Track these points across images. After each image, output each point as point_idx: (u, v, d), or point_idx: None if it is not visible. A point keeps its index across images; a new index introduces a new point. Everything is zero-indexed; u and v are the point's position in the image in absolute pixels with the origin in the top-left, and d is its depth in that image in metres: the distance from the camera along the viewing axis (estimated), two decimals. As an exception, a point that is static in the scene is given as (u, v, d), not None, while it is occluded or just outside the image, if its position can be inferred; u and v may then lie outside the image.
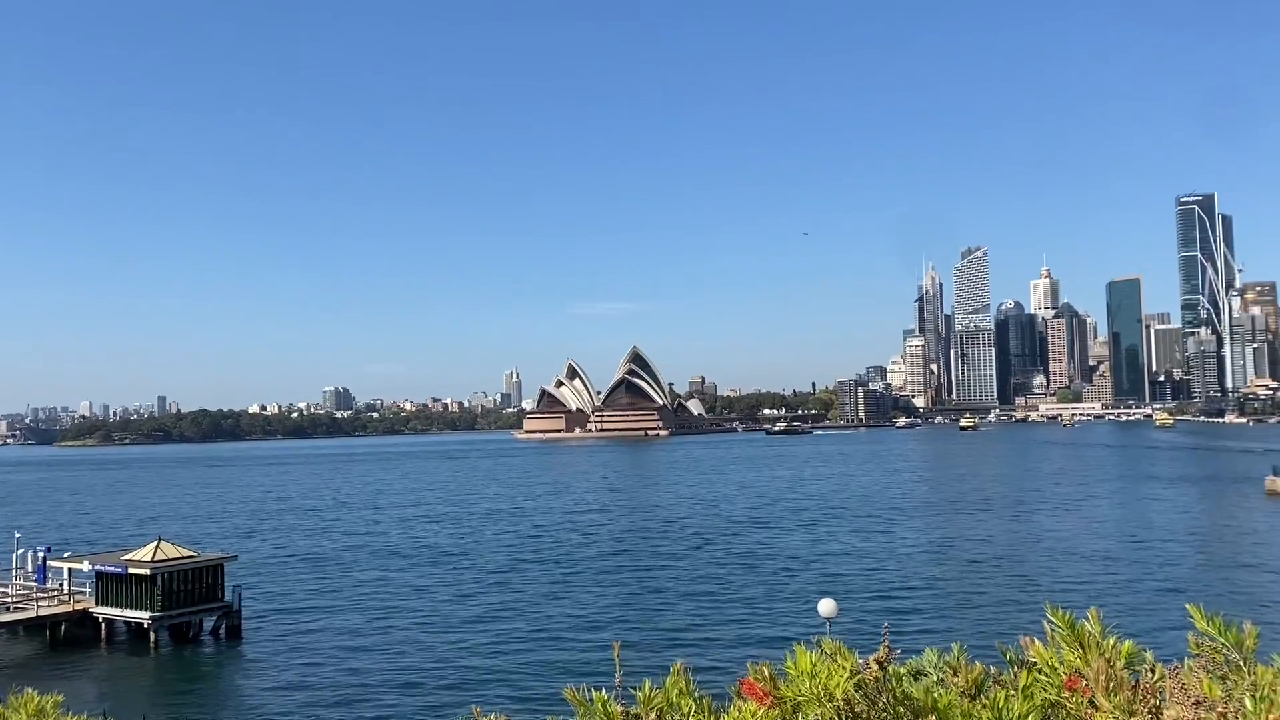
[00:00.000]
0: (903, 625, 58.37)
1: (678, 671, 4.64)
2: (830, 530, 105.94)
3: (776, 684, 4.54)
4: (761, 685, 4.62)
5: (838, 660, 4.51)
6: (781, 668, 4.54)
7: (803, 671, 4.34)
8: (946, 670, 5.64)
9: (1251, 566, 79.37)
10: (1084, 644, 5.21)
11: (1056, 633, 5.45)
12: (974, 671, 5.27)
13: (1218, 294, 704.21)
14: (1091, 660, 4.77)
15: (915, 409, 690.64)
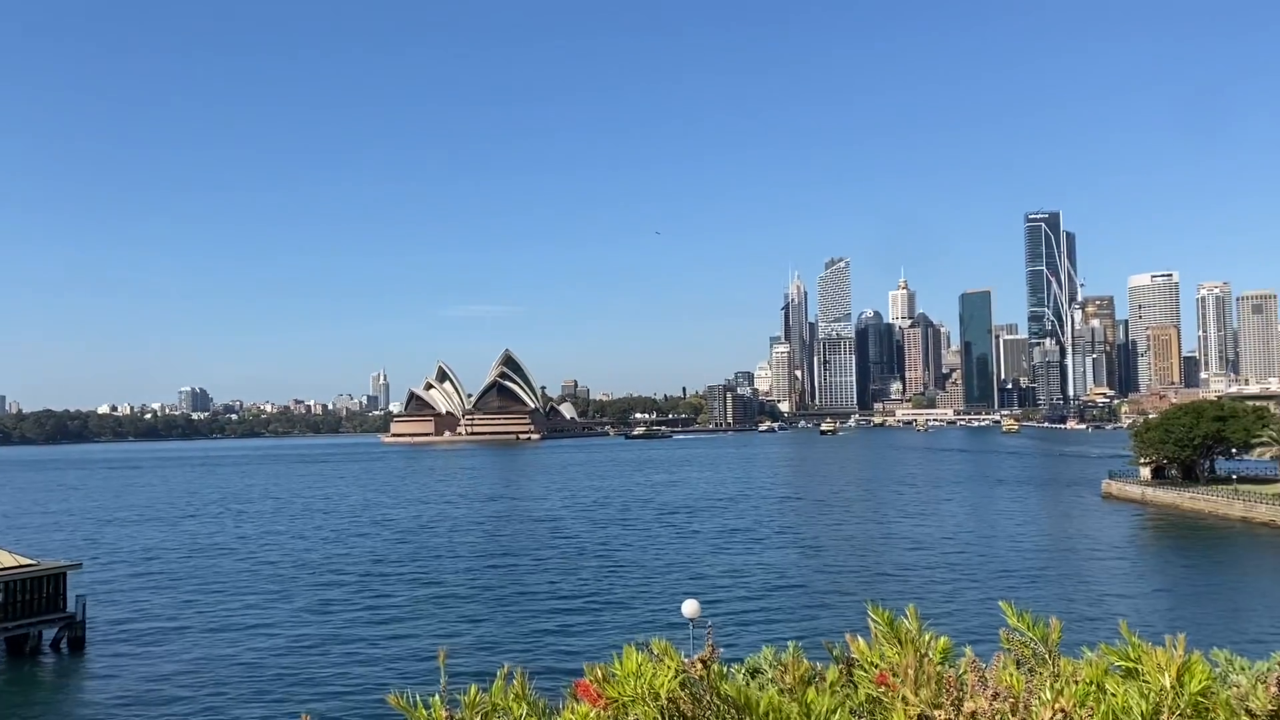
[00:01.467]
0: (759, 623, 59.74)
1: (504, 675, 4.64)
2: (696, 532, 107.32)
3: (607, 684, 4.59)
4: (594, 686, 4.66)
5: (664, 660, 4.60)
6: (614, 669, 4.59)
7: (629, 672, 4.40)
8: (779, 667, 5.81)
9: (1089, 564, 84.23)
10: (901, 640, 5.46)
11: (877, 629, 5.70)
12: (801, 669, 5.44)
13: (1061, 307, 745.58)
14: (906, 656, 5.00)
15: (781, 414, 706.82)
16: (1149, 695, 4.65)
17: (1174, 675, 4.71)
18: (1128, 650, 5.32)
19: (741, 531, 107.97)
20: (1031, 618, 5.78)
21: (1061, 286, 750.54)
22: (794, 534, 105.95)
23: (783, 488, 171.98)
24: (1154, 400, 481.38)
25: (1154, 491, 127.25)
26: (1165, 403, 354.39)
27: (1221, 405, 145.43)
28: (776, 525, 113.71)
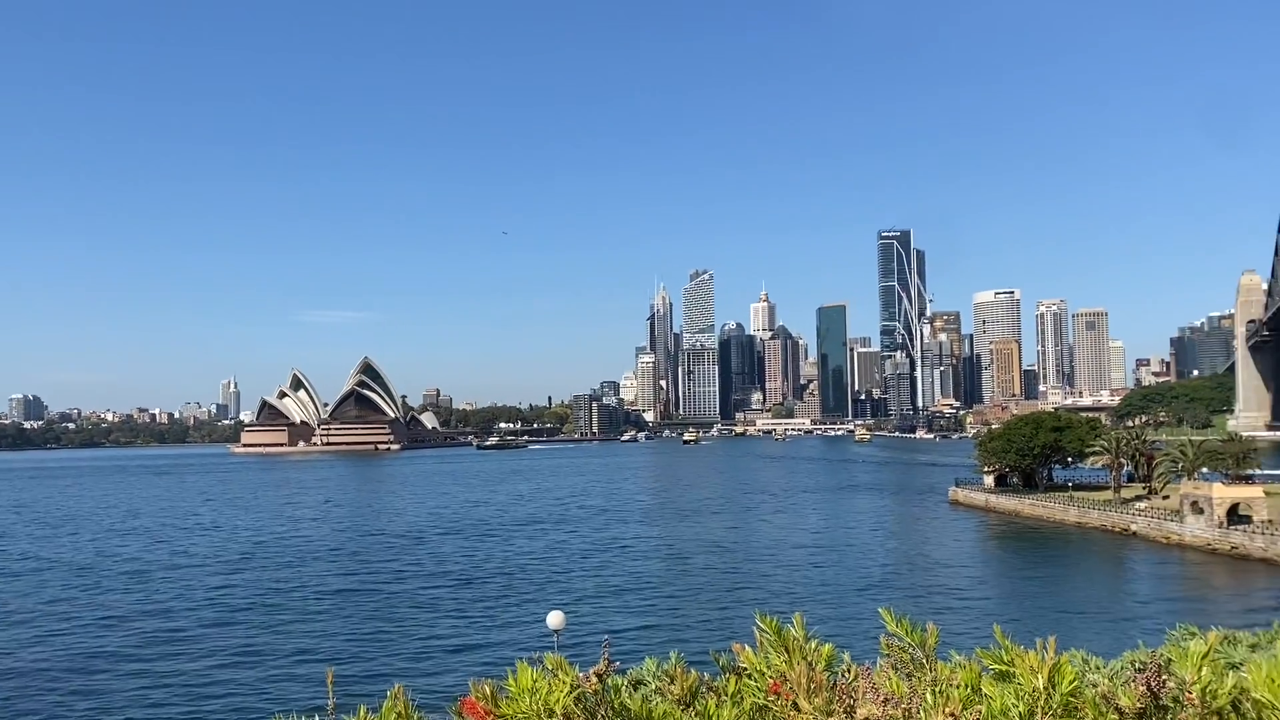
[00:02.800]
0: (629, 634, 59.87)
1: (395, 695, 4.48)
2: (560, 542, 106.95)
3: (497, 702, 4.48)
4: (482, 704, 4.54)
5: (559, 675, 4.52)
6: (503, 685, 4.49)
7: (523, 688, 4.31)
8: (664, 679, 5.79)
9: (938, 568, 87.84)
10: (789, 649, 5.54)
11: (765, 639, 5.76)
12: (689, 679, 5.44)
13: (912, 321, 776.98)
14: (795, 664, 5.07)
15: (646, 423, 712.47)
16: (1024, 697, 4.83)
17: (1046, 676, 4.92)
18: (1001, 653, 5.55)
19: (606, 541, 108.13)
20: (910, 623, 5.96)
21: (912, 302, 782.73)
22: (660, 543, 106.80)
23: (647, 497, 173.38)
24: (997, 411, 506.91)
25: (997, 499, 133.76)
26: (1007, 414, 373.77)
27: (1058, 416, 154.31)
28: (641, 535, 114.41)
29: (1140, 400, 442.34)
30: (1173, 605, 68.21)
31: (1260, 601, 68.91)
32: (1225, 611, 63.23)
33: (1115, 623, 60.97)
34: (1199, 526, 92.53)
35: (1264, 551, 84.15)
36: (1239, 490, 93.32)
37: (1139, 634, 10.47)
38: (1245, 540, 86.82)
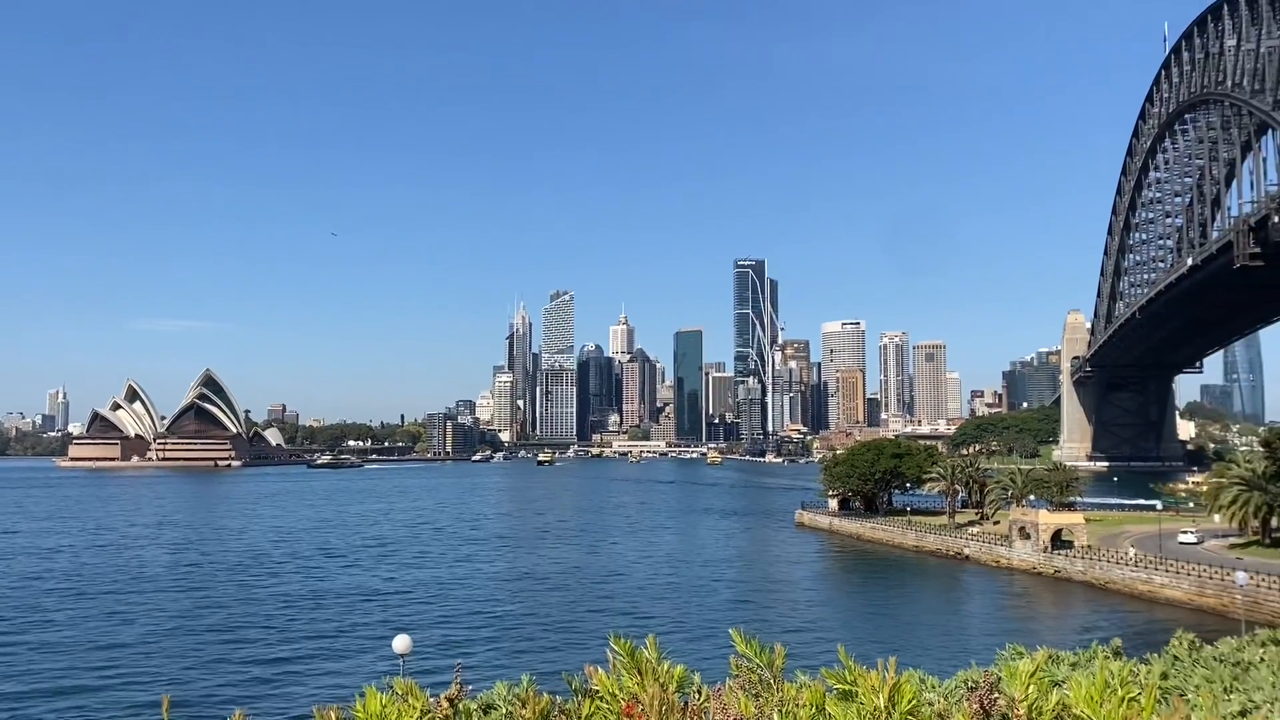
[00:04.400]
0: (480, 658, 58.93)
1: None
2: (407, 563, 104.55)
3: (343, 729, 4.35)
4: (327, 732, 4.40)
5: (409, 700, 4.42)
6: (350, 711, 4.36)
7: (372, 714, 4.20)
8: (516, 703, 5.74)
9: (785, 589, 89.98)
10: (641, 670, 5.58)
11: (618, 661, 5.79)
12: (541, 703, 5.41)
13: (764, 348, 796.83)
14: (647, 686, 5.11)
15: (502, 443, 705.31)
16: (865, 716, 5.00)
17: (886, 696, 5.10)
18: (845, 673, 5.73)
19: (455, 563, 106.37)
20: (758, 644, 6.08)
21: (765, 329, 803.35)
22: (511, 565, 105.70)
23: (498, 518, 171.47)
24: (841, 437, 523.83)
25: (840, 521, 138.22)
26: (851, 440, 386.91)
27: (899, 444, 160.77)
28: (492, 556, 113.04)
29: (974, 430, 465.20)
30: (1003, 626, 71.83)
31: (1080, 621, 73.35)
32: (1050, 631, 66.98)
33: (950, 642, 63.72)
34: (1026, 551, 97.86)
35: (1083, 575, 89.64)
36: (1062, 517, 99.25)
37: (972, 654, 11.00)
38: (1067, 564, 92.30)
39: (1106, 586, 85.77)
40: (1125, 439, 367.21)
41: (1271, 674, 7.54)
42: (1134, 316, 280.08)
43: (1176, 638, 9.50)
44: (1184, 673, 7.94)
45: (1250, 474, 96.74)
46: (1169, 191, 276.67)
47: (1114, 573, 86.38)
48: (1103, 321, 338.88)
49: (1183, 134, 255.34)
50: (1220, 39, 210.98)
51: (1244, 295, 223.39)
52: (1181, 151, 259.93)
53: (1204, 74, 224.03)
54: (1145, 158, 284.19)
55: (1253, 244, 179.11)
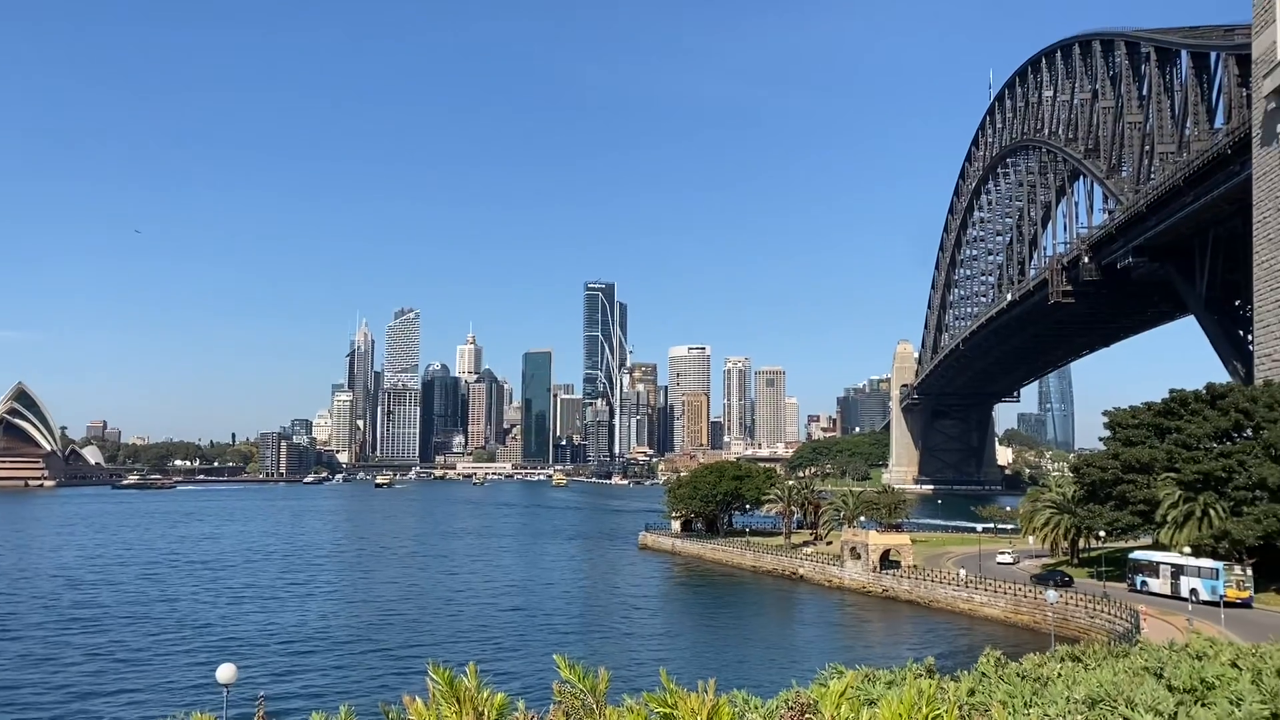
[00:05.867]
0: (302, 687, 56.68)
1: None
2: (230, 589, 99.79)
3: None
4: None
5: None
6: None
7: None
8: (330, 736, 5.53)
9: (624, 611, 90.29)
10: (460, 699, 5.48)
11: (437, 690, 5.66)
12: (355, 736, 5.23)
13: (612, 371, 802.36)
14: (465, 715, 5.01)
15: (340, 464, 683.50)
16: (683, 738, 5.04)
17: (705, 718, 5.17)
18: (666, 697, 5.78)
19: (280, 589, 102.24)
20: (582, 669, 6.07)
21: (613, 352, 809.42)
22: (337, 591, 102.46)
23: (331, 542, 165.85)
24: (686, 460, 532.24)
25: (682, 543, 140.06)
26: (695, 462, 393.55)
27: (740, 466, 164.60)
28: (318, 582, 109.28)
29: (810, 453, 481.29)
30: (831, 644, 74.17)
31: (904, 639, 76.51)
32: (874, 650, 69.54)
33: (780, 662, 65.32)
34: (856, 571, 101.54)
35: (909, 594, 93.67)
36: (890, 538, 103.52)
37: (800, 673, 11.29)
38: (894, 583, 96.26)
39: (931, 605, 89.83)
40: (949, 463, 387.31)
41: (1066, 688, 8.05)
42: (958, 348, 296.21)
43: (985, 655, 10.01)
44: (989, 688, 8.38)
45: (1061, 498, 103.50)
46: (991, 231, 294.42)
47: (938, 591, 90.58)
48: (930, 352, 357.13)
49: (1004, 177, 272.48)
50: (1039, 89, 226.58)
51: (1058, 329, 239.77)
52: (1003, 193, 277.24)
53: (1024, 122, 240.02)
54: (970, 198, 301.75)
55: (1065, 282, 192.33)
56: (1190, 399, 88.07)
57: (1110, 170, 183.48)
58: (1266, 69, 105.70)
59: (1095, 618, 71.19)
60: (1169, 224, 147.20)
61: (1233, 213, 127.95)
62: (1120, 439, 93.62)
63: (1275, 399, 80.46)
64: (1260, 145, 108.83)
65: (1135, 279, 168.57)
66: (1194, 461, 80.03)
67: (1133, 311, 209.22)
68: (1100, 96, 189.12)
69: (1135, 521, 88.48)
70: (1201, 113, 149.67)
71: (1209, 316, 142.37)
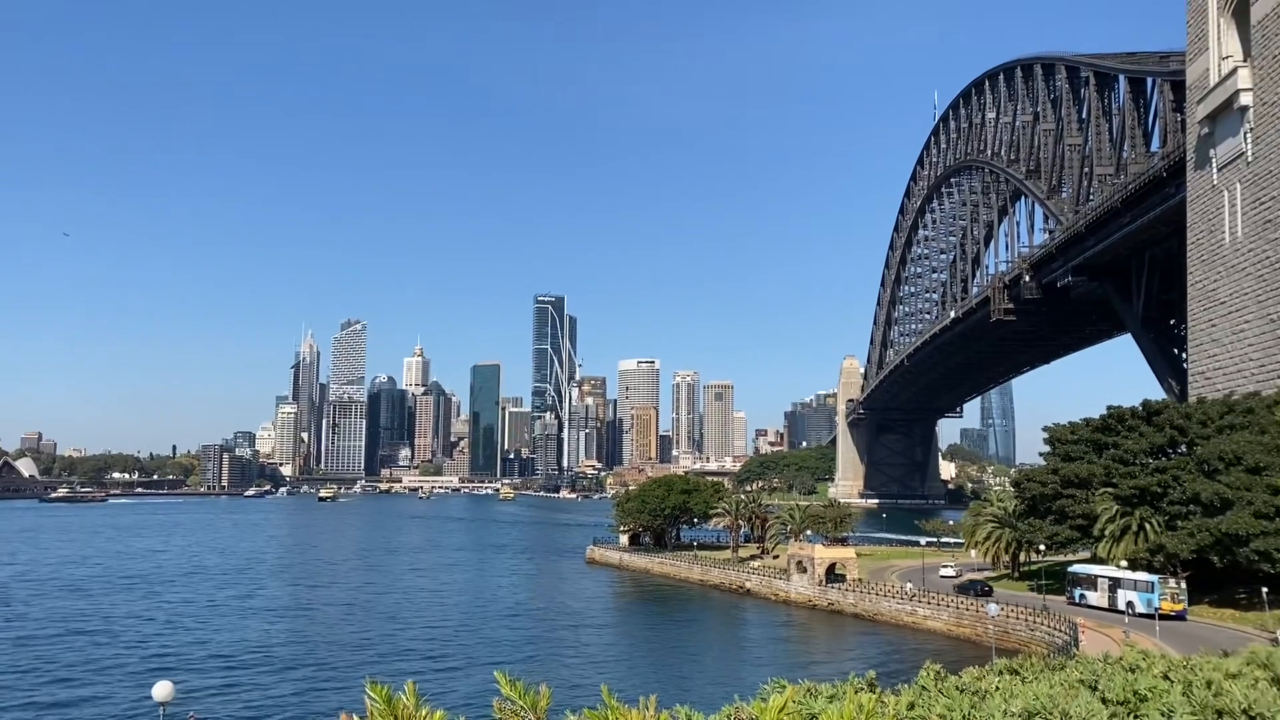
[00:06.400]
0: (240, 704, 55.56)
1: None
2: (170, 605, 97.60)
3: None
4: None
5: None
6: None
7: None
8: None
9: (570, 627, 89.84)
10: (398, 717, 5.40)
11: (375, 707, 5.58)
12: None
13: (562, 384, 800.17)
14: (402, 734, 4.95)
15: (283, 478, 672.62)
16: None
17: (645, 734, 5.16)
18: (607, 713, 5.76)
19: (219, 605, 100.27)
20: (523, 686, 6.02)
21: (563, 365, 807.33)
22: (277, 606, 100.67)
23: (274, 556, 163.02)
24: (634, 473, 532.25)
25: (630, 557, 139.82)
26: (643, 476, 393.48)
27: (688, 480, 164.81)
28: (258, 598, 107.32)
29: (758, 467, 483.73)
30: (776, 658, 74.47)
31: (849, 653, 77.08)
32: (819, 663, 69.95)
33: (724, 677, 65.40)
34: (802, 584, 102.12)
35: (854, 607, 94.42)
36: (836, 551, 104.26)
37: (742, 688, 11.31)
38: (839, 597, 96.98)
39: (876, 618, 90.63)
40: (894, 478, 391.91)
41: (1003, 701, 8.18)
42: (903, 363, 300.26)
43: (925, 668, 10.13)
44: (929, 702, 8.48)
45: (1002, 512, 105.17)
46: (936, 249, 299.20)
47: (882, 605, 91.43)
48: (875, 367, 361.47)
49: (948, 196, 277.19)
50: (982, 111, 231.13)
51: (999, 346, 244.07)
52: (947, 212, 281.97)
53: (968, 142, 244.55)
54: (915, 217, 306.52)
55: (1007, 300, 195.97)
56: (1127, 415, 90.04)
57: (1051, 191, 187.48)
58: (1200, 95, 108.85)
59: (1035, 630, 72.33)
60: (1107, 244, 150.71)
61: (1168, 234, 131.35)
62: (1060, 454, 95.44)
63: (1208, 416, 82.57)
64: (1194, 169, 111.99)
65: (1075, 298, 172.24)
66: (1130, 477, 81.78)
67: (1072, 329, 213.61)
68: (1041, 119, 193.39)
69: (1074, 535, 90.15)
70: (1138, 136, 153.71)
71: (1145, 335, 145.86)
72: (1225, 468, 74.17)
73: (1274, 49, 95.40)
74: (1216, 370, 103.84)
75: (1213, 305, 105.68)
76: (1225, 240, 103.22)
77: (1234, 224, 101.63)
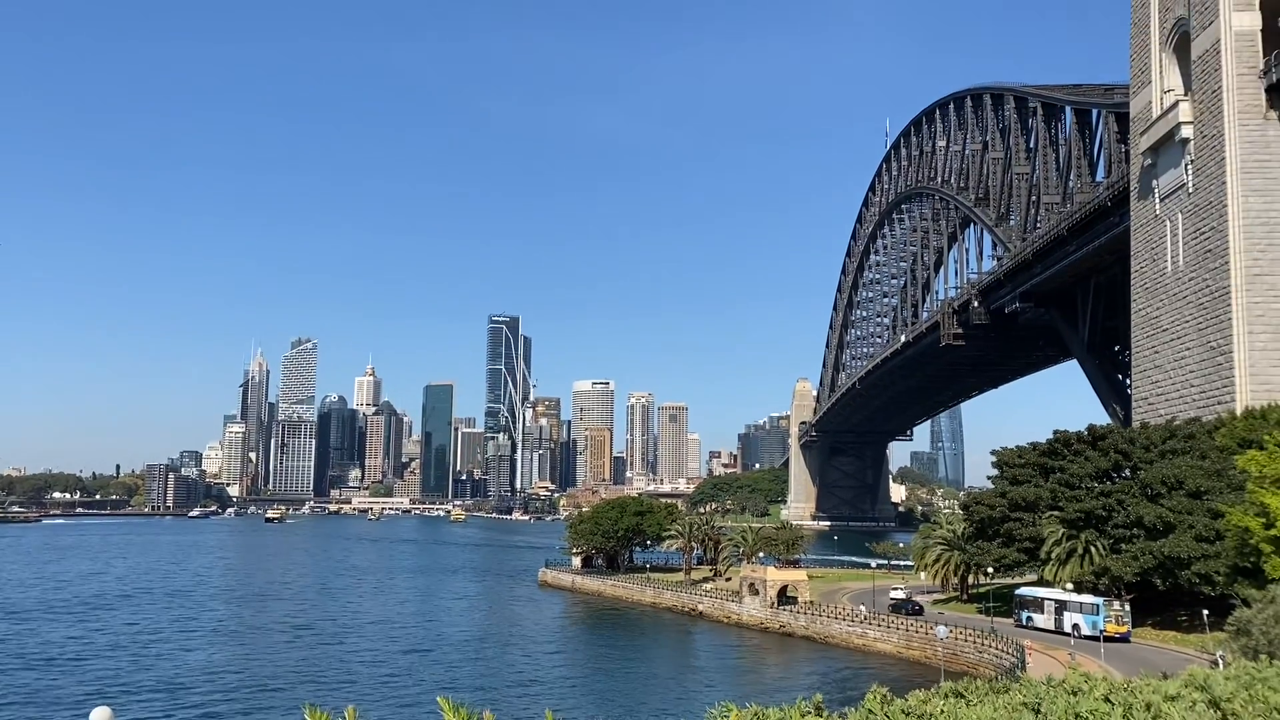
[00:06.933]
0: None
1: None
2: (110, 630, 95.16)
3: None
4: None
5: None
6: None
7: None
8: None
9: (522, 650, 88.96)
10: (336, 746, 5.30)
11: (313, 736, 5.48)
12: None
13: (515, 405, 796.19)
14: (340, 763, 4.86)
15: (230, 498, 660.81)
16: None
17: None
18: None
19: (161, 629, 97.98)
20: (467, 711, 5.95)
21: (517, 386, 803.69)
22: (220, 631, 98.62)
23: (214, 579, 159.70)
24: (588, 495, 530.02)
25: (582, 579, 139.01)
26: (597, 498, 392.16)
27: (641, 501, 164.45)
28: (201, 621, 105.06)
29: (712, 489, 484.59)
30: (727, 681, 74.32)
31: (799, 676, 77.13)
32: (769, 686, 69.93)
33: (674, 700, 65.15)
34: (755, 607, 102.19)
35: (805, 629, 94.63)
36: (788, 574, 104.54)
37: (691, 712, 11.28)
38: (791, 619, 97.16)
39: (827, 641, 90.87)
40: (845, 500, 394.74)
41: (948, 723, 8.23)
42: (854, 386, 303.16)
43: (872, 692, 10.18)
44: (875, 725, 8.50)
45: (951, 535, 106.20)
46: (887, 274, 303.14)
47: (833, 627, 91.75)
48: (827, 390, 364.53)
49: (900, 222, 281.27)
50: (933, 139, 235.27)
51: (949, 370, 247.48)
52: (898, 238, 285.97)
53: (919, 169, 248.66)
54: (868, 242, 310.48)
55: (956, 325, 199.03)
56: (1073, 440, 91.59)
57: (999, 218, 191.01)
58: (1143, 127, 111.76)
59: (984, 653, 73.01)
60: (1053, 271, 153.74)
61: (1113, 262, 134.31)
62: (1007, 478, 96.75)
63: (1151, 441, 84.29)
64: (1137, 198, 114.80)
65: (1022, 323, 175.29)
66: (1076, 500, 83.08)
67: (1020, 354, 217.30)
68: (990, 148, 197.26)
69: (1021, 558, 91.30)
70: (1084, 166, 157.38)
71: (1090, 361, 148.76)
72: (1168, 492, 75.67)
73: (1213, 84, 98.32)
74: (1159, 396, 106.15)
75: (1155, 332, 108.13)
76: (1167, 269, 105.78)
77: (1176, 253, 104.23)
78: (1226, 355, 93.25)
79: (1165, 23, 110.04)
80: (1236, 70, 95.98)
